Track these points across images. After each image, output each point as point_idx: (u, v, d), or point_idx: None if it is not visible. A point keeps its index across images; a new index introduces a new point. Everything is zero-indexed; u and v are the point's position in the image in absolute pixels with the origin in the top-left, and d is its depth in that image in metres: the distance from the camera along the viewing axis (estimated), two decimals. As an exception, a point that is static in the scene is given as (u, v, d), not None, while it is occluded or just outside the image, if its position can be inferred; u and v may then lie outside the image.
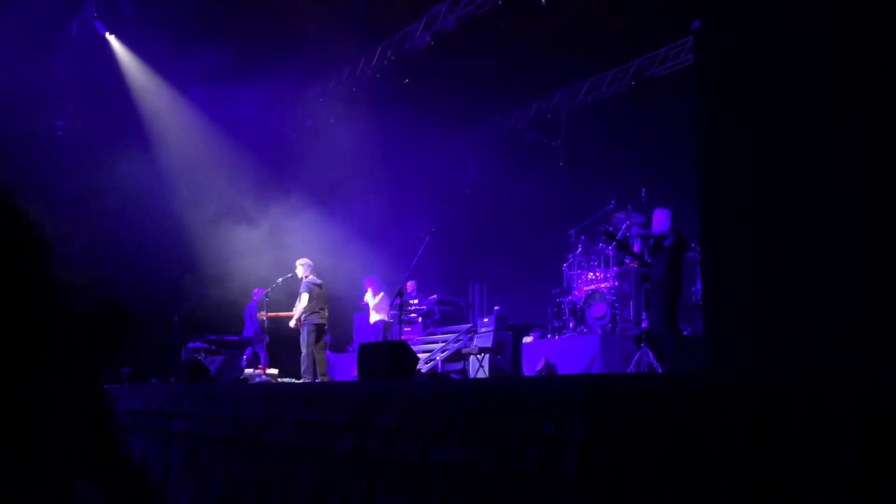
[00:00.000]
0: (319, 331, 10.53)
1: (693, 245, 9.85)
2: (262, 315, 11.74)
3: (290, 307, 11.30)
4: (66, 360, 0.90)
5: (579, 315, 10.82)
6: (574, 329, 10.79)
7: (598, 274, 10.94)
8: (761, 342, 4.74)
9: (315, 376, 10.33)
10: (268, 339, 12.67)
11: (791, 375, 3.36)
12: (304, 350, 10.40)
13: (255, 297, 12.84)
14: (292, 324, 10.70)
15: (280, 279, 12.71)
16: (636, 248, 8.93)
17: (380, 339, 11.46)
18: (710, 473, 2.57)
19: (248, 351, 12.65)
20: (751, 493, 2.60)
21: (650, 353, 8.58)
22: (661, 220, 8.52)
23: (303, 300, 10.49)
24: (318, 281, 10.68)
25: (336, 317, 11.29)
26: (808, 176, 4.63)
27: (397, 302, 9.99)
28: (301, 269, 10.75)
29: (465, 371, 11.36)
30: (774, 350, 4.61)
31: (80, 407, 0.90)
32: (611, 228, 9.72)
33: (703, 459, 2.58)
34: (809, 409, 2.83)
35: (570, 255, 11.53)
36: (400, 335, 10.37)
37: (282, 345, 13.09)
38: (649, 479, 2.46)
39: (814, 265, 4.52)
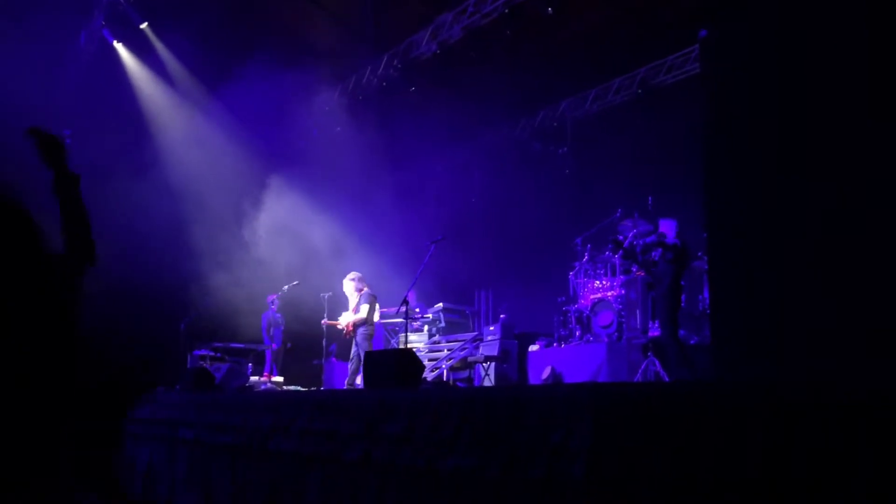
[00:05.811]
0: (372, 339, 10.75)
1: (700, 254, 9.84)
2: (328, 322, 11.59)
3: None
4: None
5: (585, 323, 10.80)
6: (580, 337, 10.77)
7: (604, 282, 10.93)
8: (766, 348, 4.74)
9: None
10: (290, 345, 12.82)
11: (798, 382, 3.35)
12: (358, 356, 10.46)
13: (271, 306, 12.92)
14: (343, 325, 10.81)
15: (286, 286, 12.76)
16: (656, 254, 8.83)
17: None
18: (719, 481, 2.57)
19: (269, 358, 12.73)
20: (759, 499, 2.60)
21: (657, 362, 8.56)
22: (666, 230, 8.53)
23: (363, 311, 10.63)
24: (373, 292, 10.92)
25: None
26: (813, 182, 4.63)
27: (402, 310, 10.00)
28: (355, 283, 10.89)
29: (470, 379, 11.34)
30: (779, 355, 4.60)
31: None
32: (620, 237, 9.71)
33: (711, 467, 2.58)
34: (816, 414, 2.83)
35: (577, 264, 11.53)
36: (406, 343, 10.37)
37: (288, 352, 13.17)
38: (657, 487, 2.46)
39: (820, 270, 4.52)
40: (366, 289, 10.89)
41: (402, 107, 14.00)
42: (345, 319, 10.84)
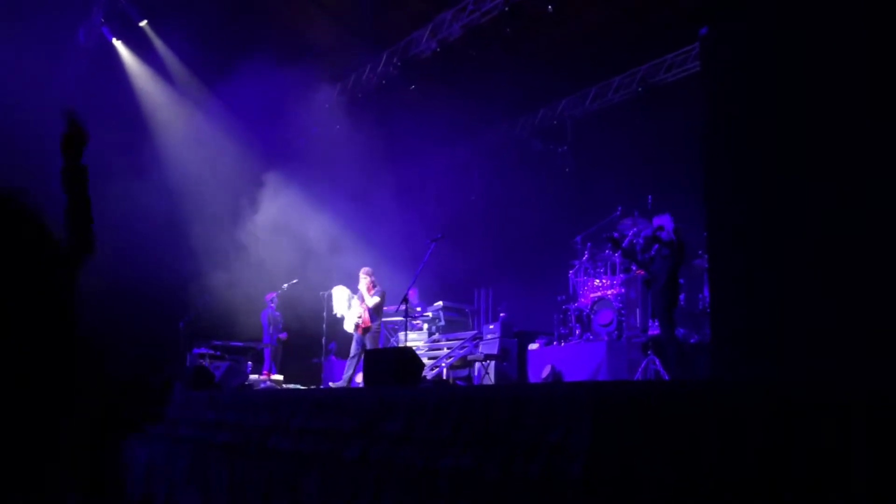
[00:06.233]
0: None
1: (700, 252, 9.83)
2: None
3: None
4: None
5: (585, 322, 10.79)
6: (580, 336, 10.76)
7: (604, 281, 10.91)
8: (766, 348, 4.73)
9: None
10: (286, 335, 12.84)
11: (797, 382, 3.35)
12: (357, 358, 10.40)
13: (270, 304, 12.91)
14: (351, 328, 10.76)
15: (285, 285, 12.76)
16: (653, 250, 8.82)
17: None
18: (718, 481, 2.56)
19: (268, 356, 12.74)
20: (759, 499, 2.59)
21: (657, 361, 8.55)
22: (663, 224, 8.53)
23: (377, 300, 10.64)
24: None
25: (340, 323, 11.29)
26: (813, 182, 4.63)
27: (402, 308, 9.99)
28: (370, 277, 10.86)
29: (470, 378, 11.33)
30: (779, 355, 4.60)
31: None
32: (616, 235, 9.70)
33: (711, 467, 2.57)
34: (816, 414, 2.82)
35: (576, 262, 11.51)
36: (405, 342, 10.37)
37: (288, 351, 13.17)
38: (656, 487, 2.45)
39: (820, 270, 4.52)
40: (378, 285, 10.91)
41: (401, 105, 13.98)
42: (355, 308, 10.80)
